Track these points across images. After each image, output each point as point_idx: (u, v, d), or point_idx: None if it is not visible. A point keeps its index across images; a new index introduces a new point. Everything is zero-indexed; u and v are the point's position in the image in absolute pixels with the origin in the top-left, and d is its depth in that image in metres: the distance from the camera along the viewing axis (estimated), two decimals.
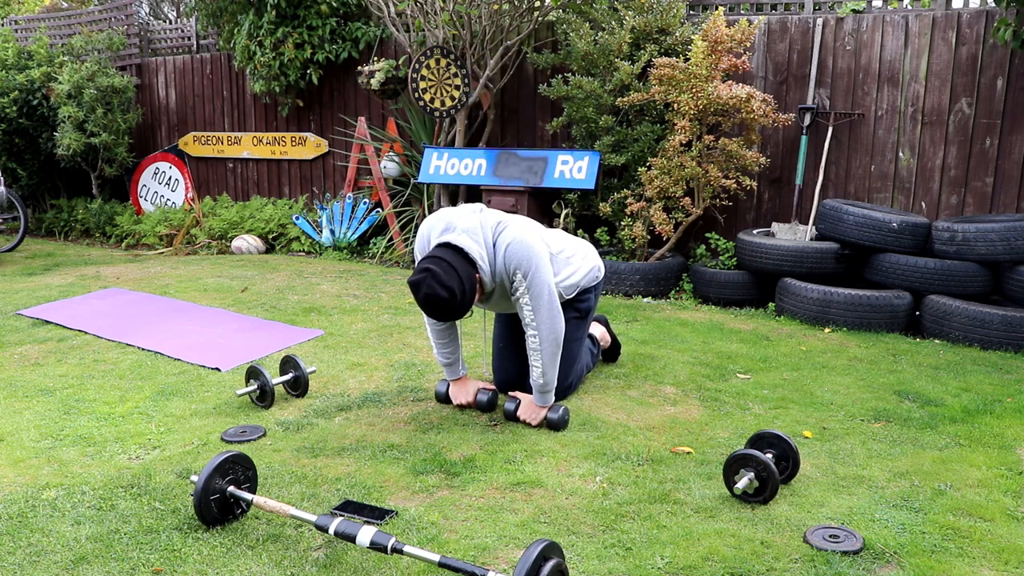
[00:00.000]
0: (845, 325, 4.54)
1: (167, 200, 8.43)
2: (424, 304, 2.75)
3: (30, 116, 8.22)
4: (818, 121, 5.52)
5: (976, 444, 2.92)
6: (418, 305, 2.80)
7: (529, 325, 2.97)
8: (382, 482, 2.56)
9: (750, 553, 2.15)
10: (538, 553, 1.78)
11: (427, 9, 6.19)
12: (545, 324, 2.95)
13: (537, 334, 2.97)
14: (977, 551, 2.18)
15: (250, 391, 3.23)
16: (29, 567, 2.09)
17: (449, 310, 2.75)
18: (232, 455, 2.32)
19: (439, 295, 2.70)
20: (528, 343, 3.01)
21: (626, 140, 5.61)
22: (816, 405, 3.32)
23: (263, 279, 5.69)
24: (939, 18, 5.17)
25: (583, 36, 5.59)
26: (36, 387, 3.52)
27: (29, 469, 2.69)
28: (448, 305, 2.73)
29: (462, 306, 2.76)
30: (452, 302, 2.72)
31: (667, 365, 3.81)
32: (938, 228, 4.65)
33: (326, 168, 7.59)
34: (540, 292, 2.92)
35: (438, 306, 2.73)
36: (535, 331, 2.97)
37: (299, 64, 6.95)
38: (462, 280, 2.74)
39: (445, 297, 2.71)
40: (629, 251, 5.60)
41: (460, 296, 2.73)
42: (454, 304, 2.73)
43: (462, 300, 2.75)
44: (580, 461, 2.73)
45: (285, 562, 2.11)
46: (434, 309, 2.75)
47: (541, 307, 2.94)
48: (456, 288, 2.72)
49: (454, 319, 2.83)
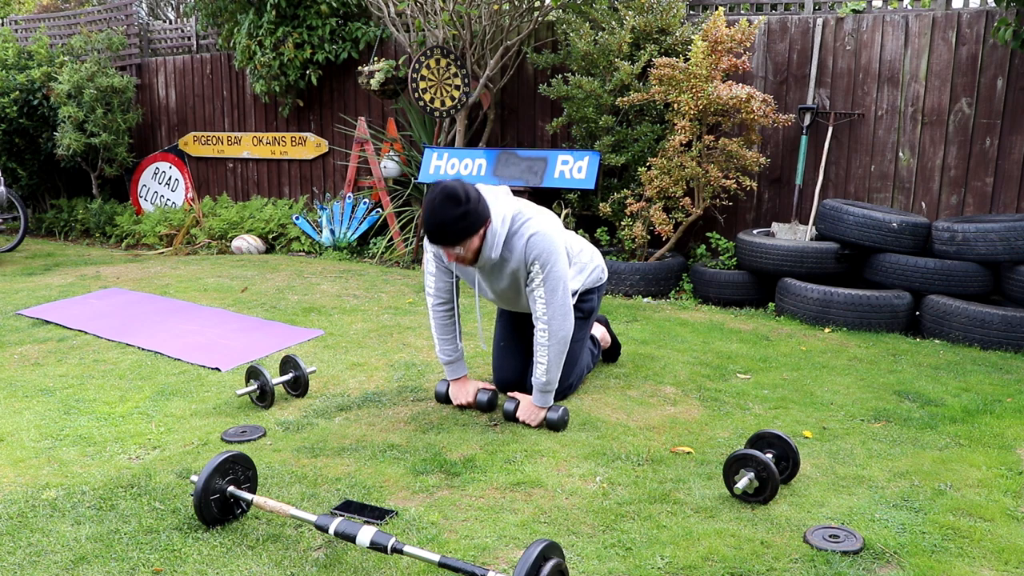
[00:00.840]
0: (845, 325, 4.54)
1: (167, 200, 8.43)
2: (437, 197, 2.68)
3: (30, 116, 8.22)
4: (818, 121, 5.52)
5: (976, 444, 2.92)
6: (425, 212, 2.72)
7: (540, 319, 2.97)
8: (382, 482, 2.56)
9: (750, 553, 2.15)
10: (538, 553, 1.78)
11: (427, 9, 6.19)
12: (556, 319, 2.95)
13: (547, 328, 2.96)
14: (977, 551, 2.18)
15: (250, 391, 3.23)
16: (29, 567, 2.09)
17: (454, 216, 2.67)
18: (232, 455, 2.32)
19: (455, 191, 2.67)
20: (536, 337, 3.00)
21: (626, 140, 5.61)
22: (816, 405, 3.32)
23: (263, 279, 5.69)
24: (939, 18, 5.17)
25: (583, 36, 5.59)
26: (36, 387, 3.52)
27: (29, 469, 2.69)
28: (456, 206, 2.67)
29: (465, 220, 2.69)
30: (460, 206, 2.67)
31: (667, 365, 3.81)
32: (938, 228, 4.65)
33: (326, 168, 7.59)
34: (555, 287, 2.93)
35: (448, 203, 2.67)
36: (545, 325, 2.96)
37: (299, 64, 6.95)
38: (478, 206, 2.72)
39: (459, 196, 2.67)
40: (629, 251, 5.60)
41: (469, 207, 2.69)
42: (460, 210, 2.67)
43: (468, 214, 2.69)
44: (580, 461, 2.73)
45: (285, 562, 2.11)
46: (443, 207, 2.68)
47: (555, 301, 2.94)
48: (473, 199, 2.70)
49: (453, 237, 2.73)
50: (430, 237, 2.78)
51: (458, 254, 2.83)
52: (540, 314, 2.96)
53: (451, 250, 2.81)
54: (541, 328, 2.98)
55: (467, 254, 2.84)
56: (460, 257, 2.85)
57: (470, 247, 2.81)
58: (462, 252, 2.82)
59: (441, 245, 2.79)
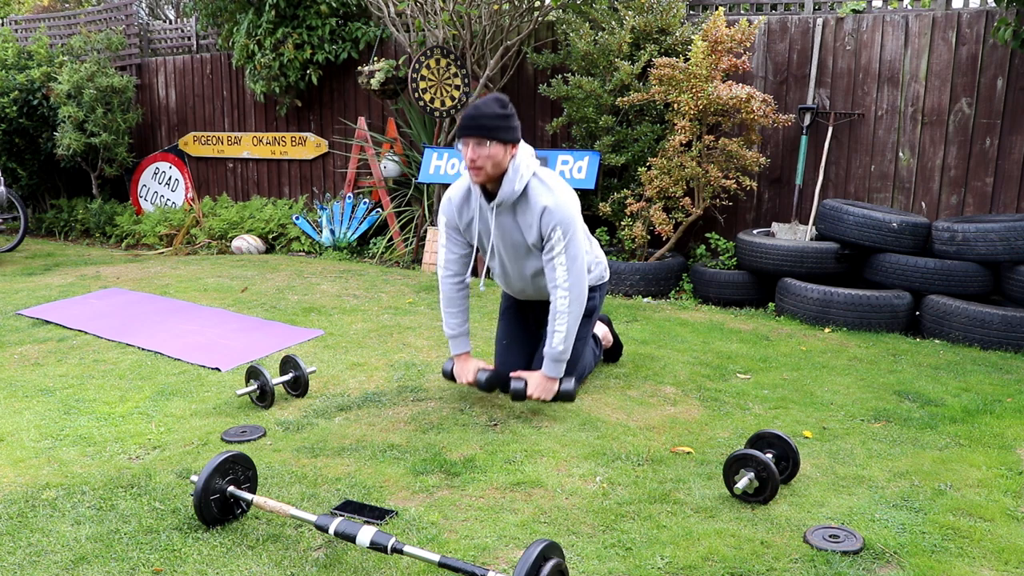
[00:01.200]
0: (845, 325, 4.54)
1: (167, 200, 8.43)
2: (486, 98, 2.87)
3: (30, 116, 8.22)
4: (818, 121, 5.53)
5: (976, 444, 2.92)
6: (468, 108, 2.87)
7: (560, 286, 2.97)
8: (382, 482, 2.56)
9: (750, 553, 2.15)
10: (538, 553, 1.78)
11: (427, 9, 6.19)
12: (576, 287, 2.98)
13: (568, 295, 2.97)
14: (977, 551, 2.18)
15: (250, 391, 3.23)
16: (29, 567, 2.09)
17: (495, 113, 2.83)
18: (232, 455, 2.32)
19: (503, 98, 2.86)
20: (556, 305, 2.99)
21: (626, 140, 5.61)
22: (816, 405, 3.32)
23: (263, 279, 5.69)
24: (939, 18, 5.17)
25: (583, 36, 5.59)
26: (36, 387, 3.52)
27: (29, 469, 2.69)
28: (500, 107, 2.84)
29: (504, 120, 2.84)
30: (504, 109, 2.85)
31: (667, 365, 3.81)
32: (938, 228, 4.65)
33: (326, 168, 7.59)
34: (576, 255, 2.97)
35: (493, 102, 2.85)
36: (567, 292, 2.97)
37: (299, 64, 6.95)
38: (517, 123, 2.90)
39: (505, 102, 2.86)
40: (629, 251, 5.60)
41: (510, 113, 2.86)
42: (503, 111, 2.84)
43: (509, 118, 2.85)
44: (580, 461, 2.73)
45: (285, 562, 2.11)
46: (487, 104, 2.85)
47: (575, 269, 2.97)
48: (515, 114, 2.88)
49: (486, 130, 2.82)
50: (464, 128, 2.84)
51: (481, 155, 2.84)
52: (561, 280, 2.97)
53: (478, 148, 2.84)
54: (562, 295, 2.98)
55: (487, 165, 2.86)
56: (479, 166, 2.86)
57: (494, 157, 2.85)
58: (485, 156, 2.84)
59: (472, 135, 2.83)
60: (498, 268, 3.25)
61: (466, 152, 2.88)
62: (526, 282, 3.22)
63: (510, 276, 3.25)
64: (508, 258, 3.16)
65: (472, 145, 2.85)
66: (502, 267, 3.23)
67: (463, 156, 2.90)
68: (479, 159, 2.85)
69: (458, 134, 2.89)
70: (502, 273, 3.27)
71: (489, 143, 2.83)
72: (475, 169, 2.89)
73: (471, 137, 2.84)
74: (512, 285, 3.31)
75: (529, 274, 3.16)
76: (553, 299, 3.01)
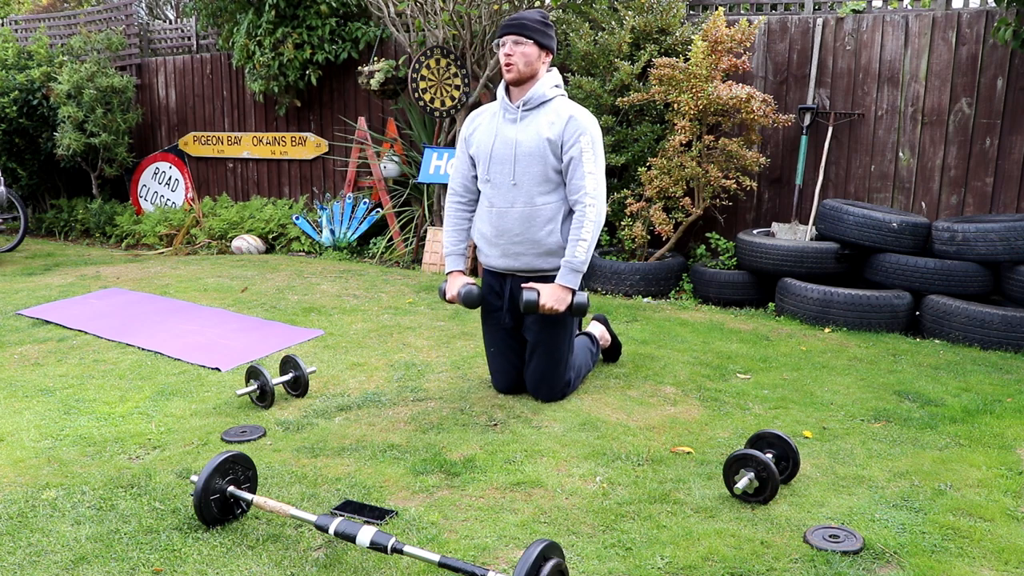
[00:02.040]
0: (845, 325, 4.54)
1: (167, 200, 8.43)
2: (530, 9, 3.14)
3: (30, 116, 8.22)
4: (818, 121, 5.53)
5: (976, 444, 2.92)
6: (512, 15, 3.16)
7: (588, 194, 3.02)
8: (382, 482, 2.56)
9: (750, 553, 2.15)
10: (538, 553, 1.78)
11: (427, 9, 6.19)
12: (600, 199, 3.04)
13: (594, 205, 3.02)
14: (977, 551, 2.18)
15: (250, 391, 3.23)
16: (29, 567, 2.09)
17: (536, 18, 3.06)
18: (232, 455, 2.32)
19: (546, 13, 3.08)
20: (580, 212, 3.03)
21: (626, 140, 5.61)
22: (816, 405, 3.32)
23: (263, 279, 5.69)
24: (939, 18, 5.17)
25: (583, 36, 5.59)
26: (36, 387, 3.52)
27: (29, 469, 2.69)
28: (542, 15, 3.08)
29: (543, 25, 3.06)
30: (545, 18, 3.08)
31: (667, 365, 3.81)
32: (938, 228, 4.65)
33: (326, 168, 7.59)
34: (600, 170, 3.06)
35: (536, 11, 3.09)
36: (593, 200, 3.02)
37: (299, 64, 6.95)
38: (554, 33, 3.13)
39: (547, 16, 3.09)
40: (629, 251, 5.60)
41: (550, 22, 3.09)
42: (544, 19, 3.07)
43: (547, 26, 3.08)
44: (580, 461, 2.73)
45: (285, 562, 2.11)
46: (530, 10, 3.08)
47: (599, 181, 3.04)
48: (554, 27, 3.13)
49: (526, 29, 3.04)
50: (505, 26, 3.07)
51: (516, 52, 3.04)
52: (590, 189, 3.03)
53: (515, 45, 3.05)
54: (589, 202, 3.02)
55: (521, 61, 3.05)
56: (512, 63, 3.06)
57: (528, 56, 3.05)
58: (520, 53, 3.04)
59: (511, 32, 3.04)
60: (489, 189, 3.19)
61: (502, 51, 3.08)
62: (517, 210, 3.11)
63: (501, 191, 3.14)
64: (516, 163, 3.09)
65: (509, 43, 3.06)
66: (497, 183, 3.15)
67: (500, 56, 3.11)
68: (514, 55, 3.05)
69: (498, 33, 3.11)
70: (493, 193, 3.17)
71: (526, 42, 3.04)
72: (508, 66, 3.08)
73: (510, 34, 3.05)
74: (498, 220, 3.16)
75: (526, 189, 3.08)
76: (579, 208, 3.04)
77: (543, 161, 3.07)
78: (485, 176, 3.21)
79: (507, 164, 3.12)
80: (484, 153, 3.19)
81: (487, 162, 3.18)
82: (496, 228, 3.19)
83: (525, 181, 3.10)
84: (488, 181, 3.20)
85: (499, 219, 3.17)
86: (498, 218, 3.18)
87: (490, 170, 3.17)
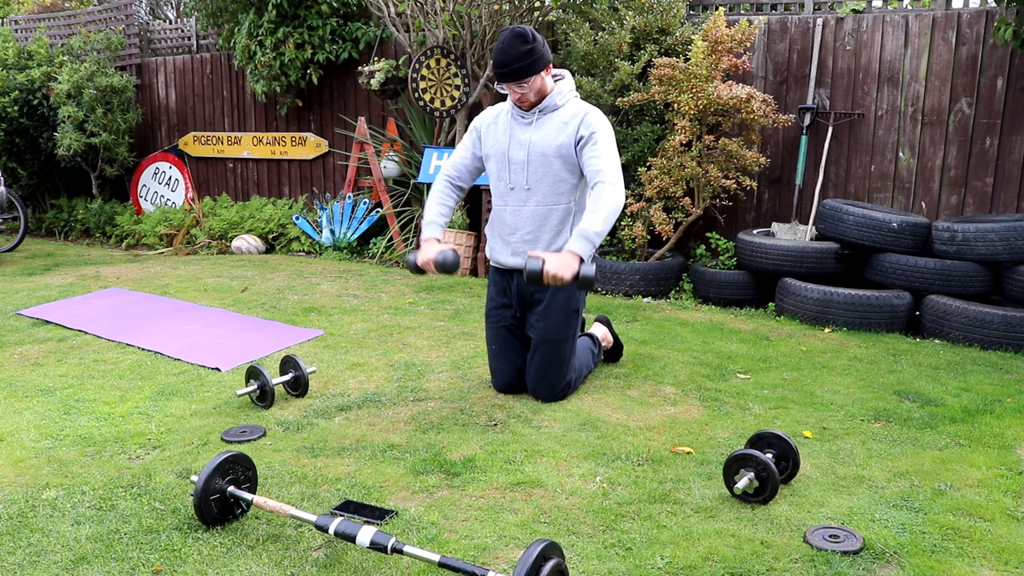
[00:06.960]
0: (845, 325, 4.54)
1: (167, 200, 8.43)
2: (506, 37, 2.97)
3: (30, 116, 8.22)
4: (818, 121, 5.53)
5: (976, 444, 2.92)
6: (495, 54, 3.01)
7: (605, 173, 2.99)
8: (382, 482, 2.56)
9: (750, 553, 2.15)
10: (538, 553, 1.78)
11: (427, 9, 6.19)
12: (618, 184, 3.00)
13: (613, 186, 2.97)
14: (977, 551, 2.18)
15: (250, 391, 3.23)
16: (29, 567, 2.09)
17: (521, 53, 2.96)
18: (232, 455, 2.32)
19: (523, 31, 2.97)
20: (596, 191, 2.97)
21: (626, 140, 5.61)
22: (816, 405, 3.32)
23: (263, 279, 5.69)
24: (939, 18, 5.17)
25: (583, 36, 5.59)
26: (36, 387, 3.52)
27: (29, 469, 2.69)
28: (523, 44, 2.95)
29: (531, 56, 2.97)
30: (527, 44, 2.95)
31: (667, 365, 3.81)
32: (938, 228, 4.65)
33: (326, 168, 7.59)
34: (616, 162, 3.05)
35: (516, 41, 2.96)
36: (612, 181, 2.98)
37: (299, 64, 6.95)
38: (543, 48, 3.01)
39: (527, 35, 2.97)
40: (629, 251, 5.60)
41: (536, 45, 2.98)
42: (527, 47, 2.95)
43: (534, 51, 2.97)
44: (580, 461, 2.73)
45: (285, 562, 2.11)
46: (511, 45, 2.96)
47: (616, 169, 3.02)
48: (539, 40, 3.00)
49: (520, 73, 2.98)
50: (499, 75, 3.02)
51: (523, 92, 3.05)
52: (607, 170, 3.00)
53: (517, 88, 3.05)
54: (608, 181, 2.97)
55: (531, 94, 3.07)
56: (523, 97, 3.07)
57: (534, 86, 3.05)
58: (527, 90, 3.04)
59: (508, 82, 3.03)
60: (503, 188, 3.21)
61: (509, 92, 3.10)
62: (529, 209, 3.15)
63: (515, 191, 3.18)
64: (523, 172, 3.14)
65: (512, 87, 3.07)
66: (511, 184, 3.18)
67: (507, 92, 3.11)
68: (524, 93, 3.07)
69: (495, 79, 3.09)
70: (507, 193, 3.20)
71: (524, 82, 3.02)
72: (520, 101, 3.11)
73: (509, 82, 3.04)
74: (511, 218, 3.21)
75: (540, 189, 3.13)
76: (596, 186, 2.99)
77: (557, 162, 3.11)
78: (499, 176, 3.22)
79: (522, 165, 3.16)
80: (500, 154, 3.21)
81: (503, 164, 3.20)
82: (509, 226, 3.25)
83: (539, 182, 3.15)
84: (502, 181, 3.21)
85: (512, 217, 3.23)
86: (511, 216, 3.23)
87: (505, 171, 3.19)
